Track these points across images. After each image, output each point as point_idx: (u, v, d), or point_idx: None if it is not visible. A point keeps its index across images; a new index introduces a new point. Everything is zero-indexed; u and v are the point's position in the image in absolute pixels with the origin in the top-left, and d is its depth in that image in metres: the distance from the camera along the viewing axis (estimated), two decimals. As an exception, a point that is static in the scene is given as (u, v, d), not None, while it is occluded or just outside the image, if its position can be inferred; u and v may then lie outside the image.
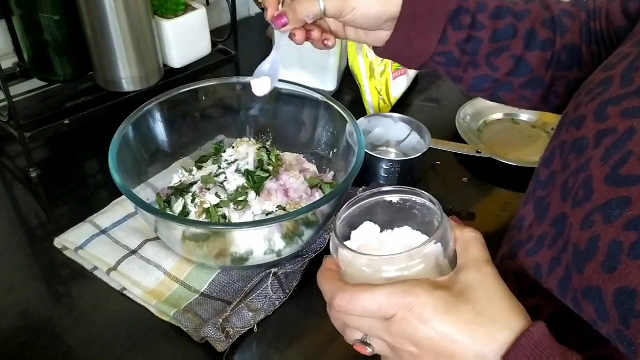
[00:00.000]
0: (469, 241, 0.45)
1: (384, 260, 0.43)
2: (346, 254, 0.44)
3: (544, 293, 0.47)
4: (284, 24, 0.59)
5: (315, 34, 0.63)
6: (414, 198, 0.48)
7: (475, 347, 0.40)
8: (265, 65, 0.64)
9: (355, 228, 0.48)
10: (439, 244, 0.44)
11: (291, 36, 0.62)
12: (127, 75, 0.88)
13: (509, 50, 0.62)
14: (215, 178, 0.76)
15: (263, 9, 0.61)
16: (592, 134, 0.46)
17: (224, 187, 0.75)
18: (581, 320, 0.43)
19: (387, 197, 0.48)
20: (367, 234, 0.48)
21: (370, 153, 0.82)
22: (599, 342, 0.42)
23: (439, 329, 0.40)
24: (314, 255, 0.73)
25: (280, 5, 0.61)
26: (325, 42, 0.64)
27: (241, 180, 0.75)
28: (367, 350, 0.45)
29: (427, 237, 0.44)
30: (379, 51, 0.65)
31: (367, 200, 0.49)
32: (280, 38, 0.62)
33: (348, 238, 0.48)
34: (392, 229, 0.48)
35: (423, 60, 0.65)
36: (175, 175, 0.80)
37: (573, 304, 0.43)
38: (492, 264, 0.44)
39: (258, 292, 0.67)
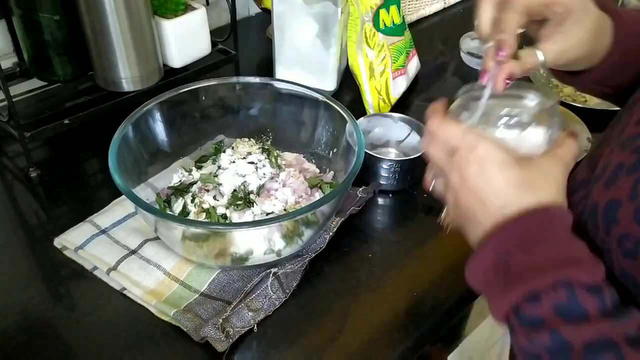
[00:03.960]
0: (566, 143, 0.49)
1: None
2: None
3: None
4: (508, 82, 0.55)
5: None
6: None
7: (505, 197, 0.46)
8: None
9: None
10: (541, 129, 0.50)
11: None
12: (127, 75, 0.88)
13: None
14: (216, 178, 0.76)
15: (479, 78, 0.55)
16: None
17: (220, 193, 0.74)
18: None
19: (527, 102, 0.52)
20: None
21: (370, 153, 0.82)
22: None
23: (486, 172, 0.46)
24: (314, 255, 0.73)
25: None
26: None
27: (240, 180, 0.75)
28: (431, 179, 0.54)
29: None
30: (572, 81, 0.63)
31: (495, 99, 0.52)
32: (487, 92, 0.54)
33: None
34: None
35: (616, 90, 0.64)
36: (175, 175, 0.80)
37: None
38: (567, 169, 0.48)
39: (258, 292, 0.67)
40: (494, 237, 0.46)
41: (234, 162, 0.78)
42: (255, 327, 0.66)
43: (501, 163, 0.46)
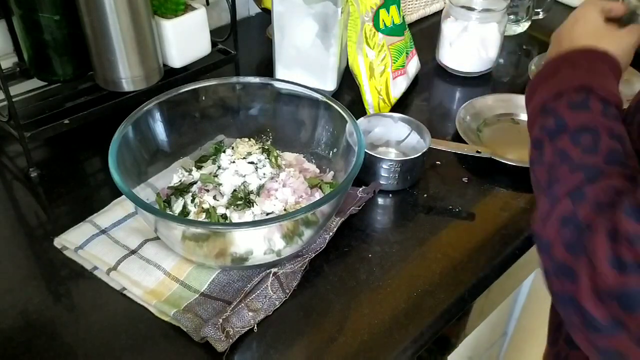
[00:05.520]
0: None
1: None
2: None
3: None
4: None
5: None
6: None
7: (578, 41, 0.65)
8: None
9: None
10: None
11: None
12: (127, 75, 0.88)
13: None
14: (215, 178, 0.76)
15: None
16: None
17: (220, 193, 0.74)
18: None
19: None
20: None
21: (370, 153, 0.82)
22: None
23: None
24: (314, 255, 0.73)
25: None
26: None
27: (240, 180, 0.75)
28: None
29: None
30: None
31: None
32: None
33: None
34: None
35: None
36: (175, 175, 0.80)
37: None
38: (636, 40, 0.67)
39: (258, 292, 0.67)
40: (558, 56, 0.63)
41: (234, 162, 0.78)
42: (255, 327, 0.66)
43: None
